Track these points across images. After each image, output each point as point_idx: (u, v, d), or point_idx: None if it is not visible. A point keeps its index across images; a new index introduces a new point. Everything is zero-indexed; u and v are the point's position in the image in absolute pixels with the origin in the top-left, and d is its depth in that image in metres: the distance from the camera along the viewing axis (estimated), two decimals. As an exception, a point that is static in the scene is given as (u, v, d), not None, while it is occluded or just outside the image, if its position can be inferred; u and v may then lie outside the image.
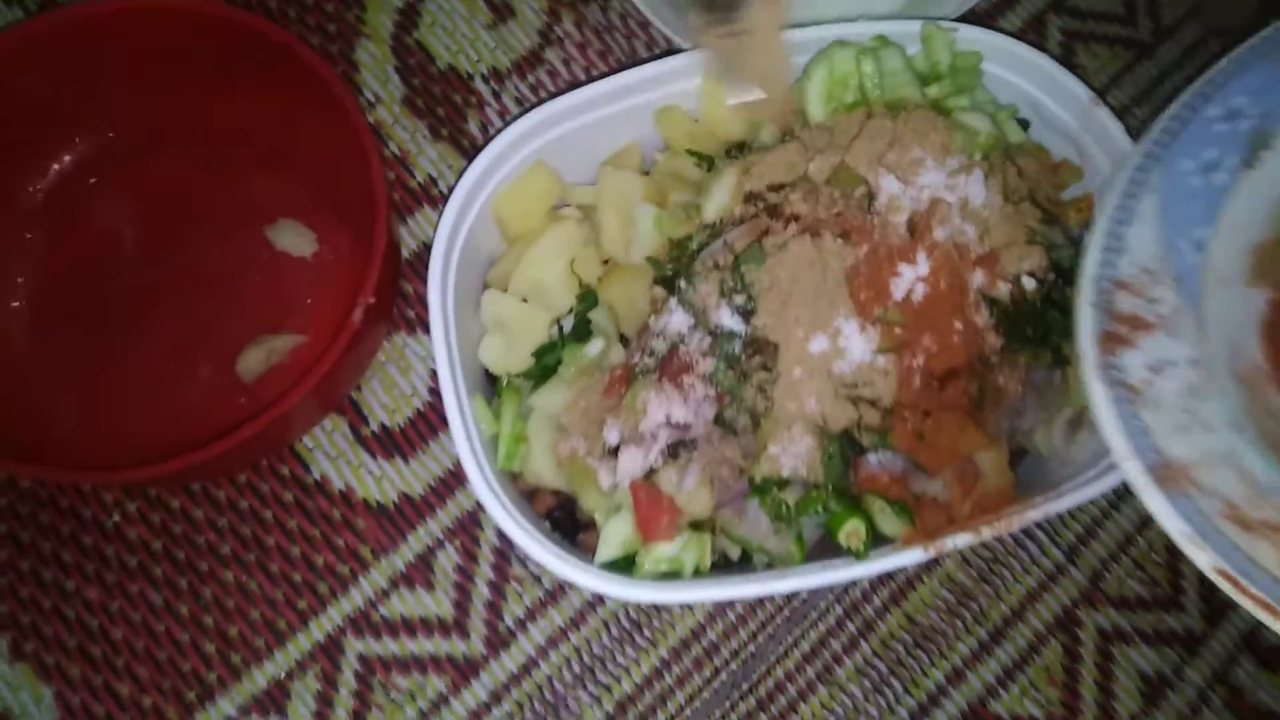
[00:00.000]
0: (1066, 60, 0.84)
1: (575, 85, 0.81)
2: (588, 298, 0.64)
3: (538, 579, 0.72)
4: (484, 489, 0.57)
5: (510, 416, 0.62)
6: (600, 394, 0.61)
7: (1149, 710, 0.70)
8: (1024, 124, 0.66)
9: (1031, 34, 0.85)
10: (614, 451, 0.60)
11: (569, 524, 0.65)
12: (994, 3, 0.85)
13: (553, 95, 0.80)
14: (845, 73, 0.61)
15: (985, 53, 0.65)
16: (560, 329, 0.63)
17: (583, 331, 0.63)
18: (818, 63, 0.62)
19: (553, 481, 0.62)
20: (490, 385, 0.66)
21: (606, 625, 0.71)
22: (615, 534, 0.59)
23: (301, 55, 0.66)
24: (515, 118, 0.66)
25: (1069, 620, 0.72)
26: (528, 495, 0.65)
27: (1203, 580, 0.73)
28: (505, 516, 0.57)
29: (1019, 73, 0.65)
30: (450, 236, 0.63)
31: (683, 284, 0.57)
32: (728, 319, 0.56)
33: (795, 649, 0.70)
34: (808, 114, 0.61)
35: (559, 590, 0.71)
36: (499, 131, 0.64)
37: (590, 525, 0.63)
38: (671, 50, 0.67)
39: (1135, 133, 0.61)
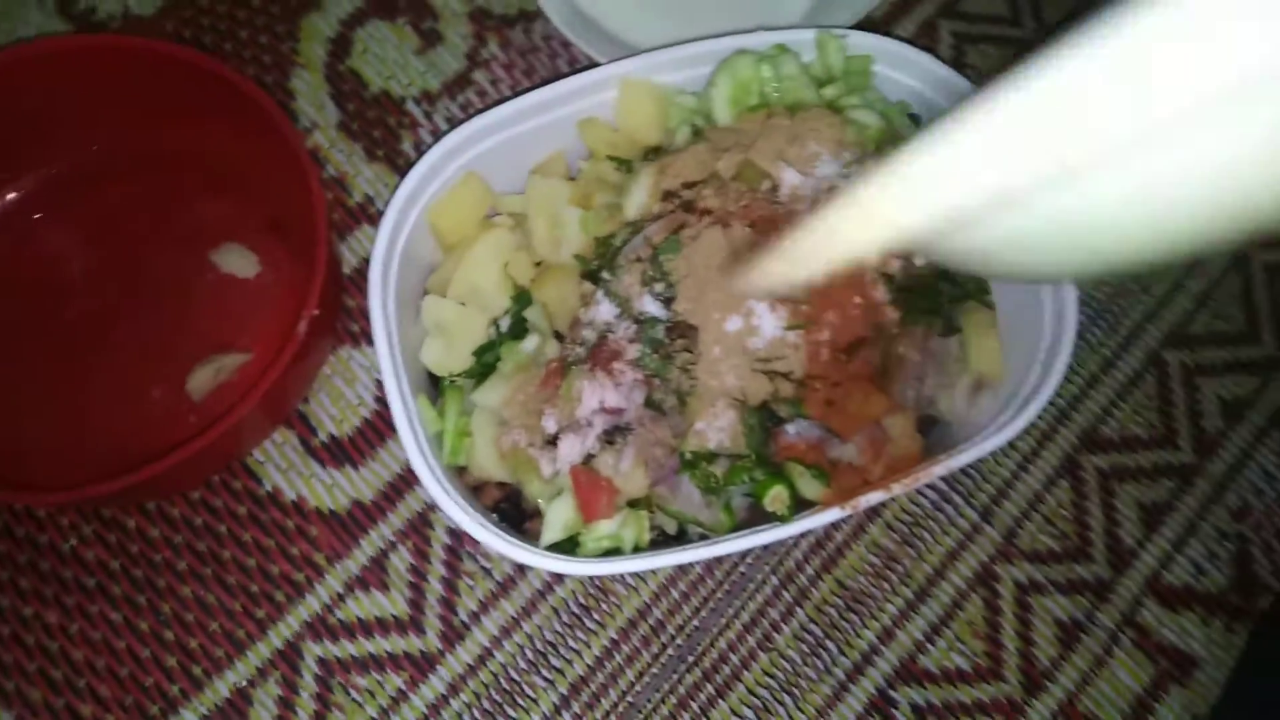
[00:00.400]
0: (957, 61, 0.91)
1: (501, 103, 0.86)
2: (522, 298, 0.68)
3: (488, 572, 0.75)
4: (433, 484, 0.61)
5: (454, 414, 0.66)
6: (537, 387, 0.65)
7: (1065, 654, 0.75)
8: (915, 119, 0.72)
9: (924, 38, 0.91)
10: (553, 440, 0.64)
11: (515, 514, 0.68)
12: (888, 10, 0.92)
13: (479, 113, 0.85)
14: (747, 78, 0.66)
15: (875, 55, 0.71)
16: (497, 328, 0.67)
17: (519, 329, 0.67)
18: (722, 70, 0.67)
19: (497, 474, 0.66)
20: (433, 386, 0.70)
21: (556, 612, 0.74)
22: (558, 517, 0.63)
23: (240, 85, 0.69)
24: (445, 133, 0.70)
25: (987, 575, 0.77)
26: (475, 490, 0.69)
27: (1109, 532, 0.79)
28: (454, 508, 0.60)
29: (908, 72, 0.71)
30: (388, 247, 0.66)
31: (607, 276, 0.62)
32: (650, 306, 0.60)
33: (736, 620, 0.74)
34: (714, 117, 0.67)
35: (509, 581, 0.75)
36: (430, 146, 0.68)
37: (535, 514, 0.67)
38: (590, 66, 0.71)
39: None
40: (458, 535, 0.75)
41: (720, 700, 0.73)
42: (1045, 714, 0.74)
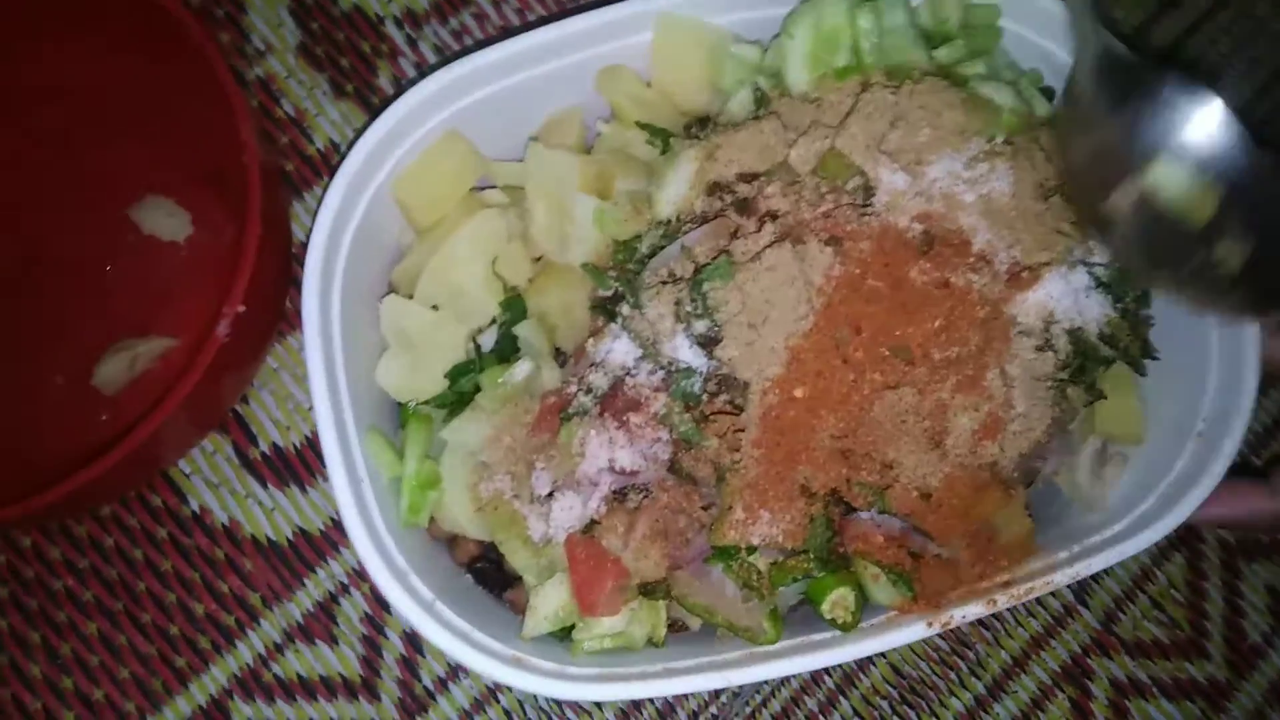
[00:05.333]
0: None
1: (506, 28, 0.68)
2: (514, 306, 0.52)
3: (461, 630, 0.61)
4: (371, 554, 0.46)
5: (416, 455, 0.51)
6: (529, 428, 0.50)
7: (1168, 775, 0.62)
8: (1048, 93, 0.54)
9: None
10: (548, 495, 0.49)
11: (496, 576, 0.55)
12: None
13: (478, 45, 0.67)
14: (835, 29, 0.48)
15: (1001, 4, 0.53)
16: (478, 345, 0.53)
17: (507, 349, 0.52)
18: (801, 15, 0.49)
19: (472, 530, 0.52)
20: (391, 414, 0.54)
21: (542, 685, 0.61)
22: (547, 604, 0.49)
23: None
24: (426, 73, 0.53)
25: (1078, 670, 0.63)
26: (447, 541, 0.54)
27: (1230, 622, 0.64)
28: (401, 595, 0.46)
29: (1039, 29, 0.53)
30: (334, 226, 0.51)
31: (628, 308, 0.45)
32: (685, 350, 0.44)
33: (764, 709, 0.61)
34: (786, 80, 0.49)
35: (486, 643, 0.61)
36: (404, 90, 0.52)
37: (520, 578, 0.52)
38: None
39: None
40: (425, 581, 0.61)
41: (736, 803, 0.60)
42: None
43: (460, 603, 0.49)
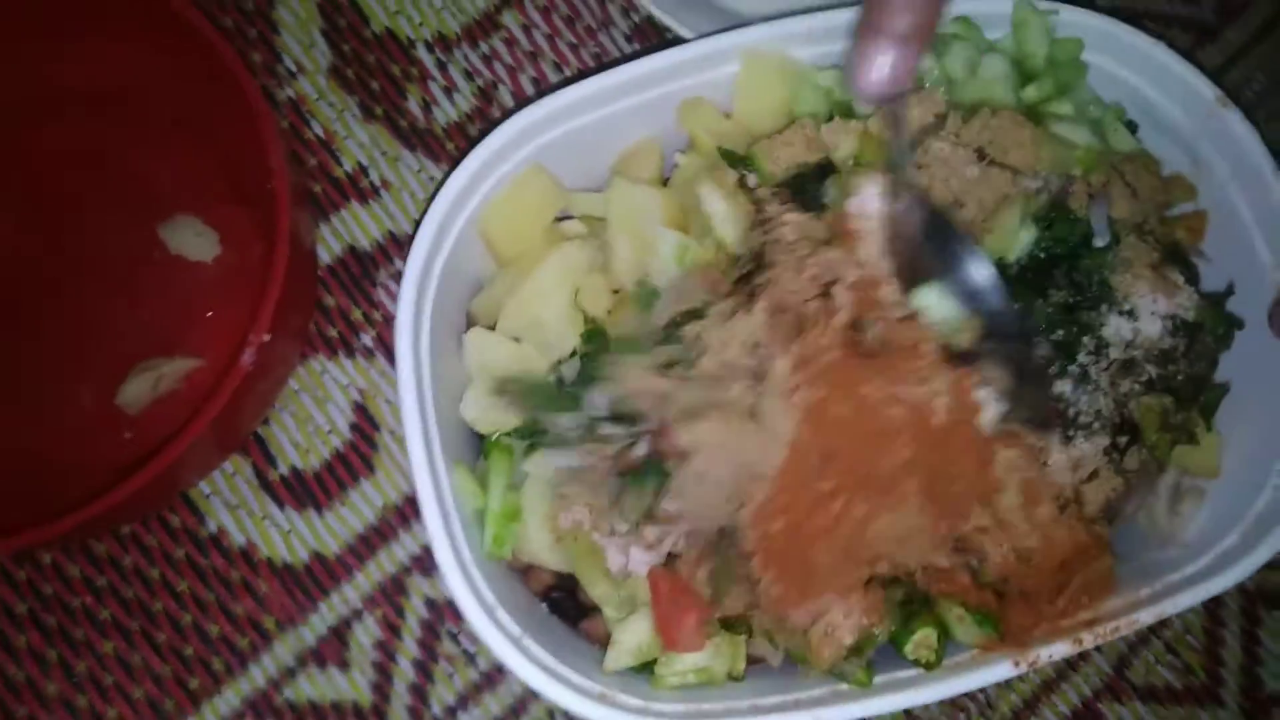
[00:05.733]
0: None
1: (536, 54, 0.69)
2: (594, 338, 0.52)
3: (472, 657, 0.61)
4: (463, 590, 0.47)
5: (500, 486, 0.51)
6: (609, 460, 0.49)
7: (1179, 824, 0.61)
8: (1132, 126, 0.55)
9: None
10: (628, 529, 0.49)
11: (571, 607, 0.54)
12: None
13: (511, 68, 0.69)
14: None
15: (1085, 39, 0.54)
16: (561, 377, 0.53)
17: (590, 378, 0.51)
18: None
19: (551, 561, 0.52)
20: (473, 444, 0.55)
21: (552, 715, 0.60)
22: (631, 638, 0.49)
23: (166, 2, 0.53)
24: (511, 113, 0.53)
25: (1089, 715, 0.63)
26: (523, 573, 0.54)
27: (1245, 669, 0.63)
28: (495, 633, 0.47)
29: (1127, 64, 0.54)
30: (425, 263, 0.51)
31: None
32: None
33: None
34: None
35: (497, 672, 0.61)
36: (490, 131, 0.53)
37: (596, 609, 0.53)
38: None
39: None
40: (437, 608, 0.61)
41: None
42: None
43: (540, 634, 0.49)
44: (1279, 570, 0.64)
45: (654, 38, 0.70)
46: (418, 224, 0.52)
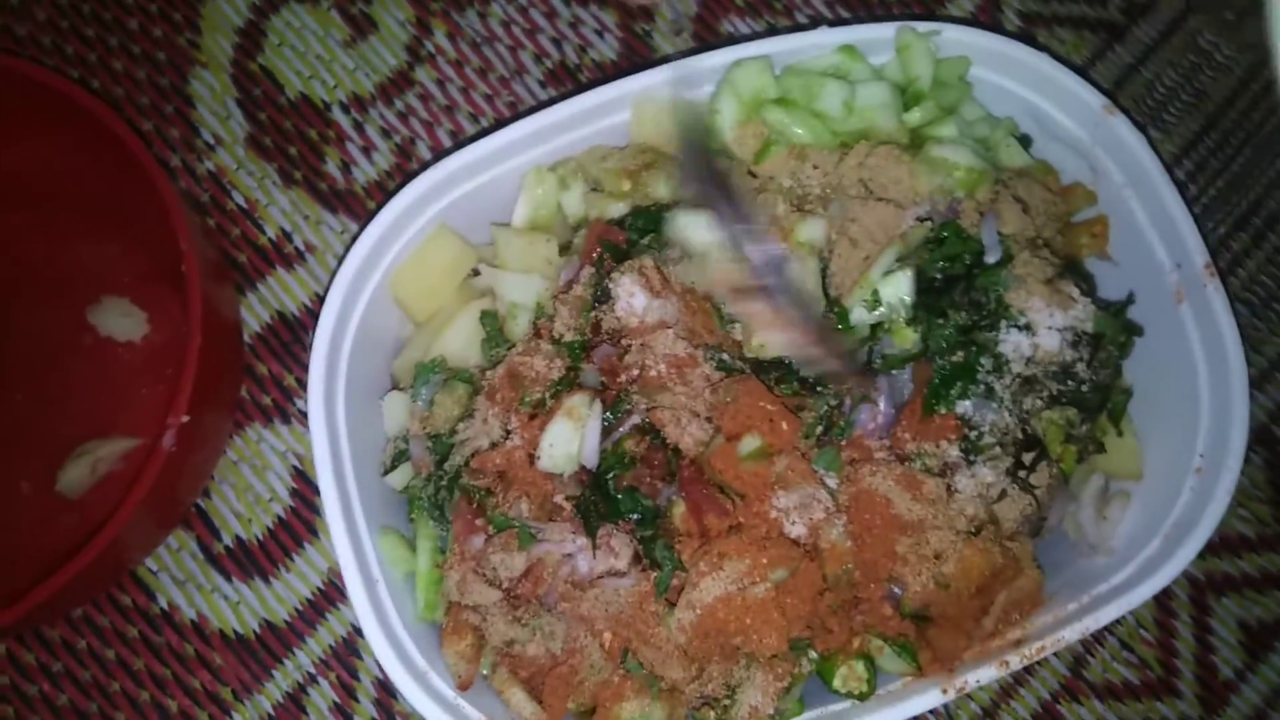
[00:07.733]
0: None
1: (452, 107, 0.69)
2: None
3: (429, 714, 0.61)
4: (391, 660, 0.48)
5: (428, 550, 0.51)
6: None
7: (1143, 819, 0.61)
8: (1025, 141, 0.55)
9: (984, 18, 0.72)
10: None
11: None
12: (939, -17, 0.73)
13: (427, 123, 0.69)
14: (757, 90, 0.49)
15: (972, 56, 0.54)
16: None
17: None
18: (723, 85, 0.50)
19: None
20: (400, 507, 0.55)
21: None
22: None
23: (65, 93, 0.54)
24: (411, 176, 0.55)
25: (1049, 718, 0.62)
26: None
27: (1198, 659, 0.63)
28: (425, 699, 0.47)
29: (1015, 78, 0.55)
30: (335, 329, 0.52)
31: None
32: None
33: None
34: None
35: (455, 726, 0.61)
36: (391, 195, 0.54)
37: None
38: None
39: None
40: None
41: None
42: None
43: (478, 695, 0.49)
44: (1225, 558, 0.64)
45: (569, 82, 0.70)
46: (324, 293, 0.52)
